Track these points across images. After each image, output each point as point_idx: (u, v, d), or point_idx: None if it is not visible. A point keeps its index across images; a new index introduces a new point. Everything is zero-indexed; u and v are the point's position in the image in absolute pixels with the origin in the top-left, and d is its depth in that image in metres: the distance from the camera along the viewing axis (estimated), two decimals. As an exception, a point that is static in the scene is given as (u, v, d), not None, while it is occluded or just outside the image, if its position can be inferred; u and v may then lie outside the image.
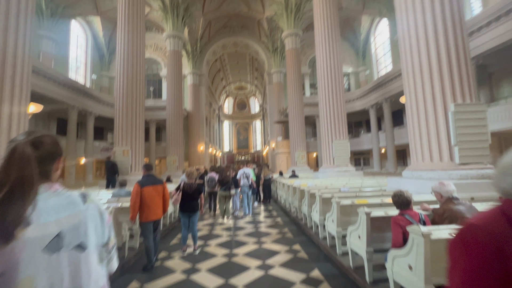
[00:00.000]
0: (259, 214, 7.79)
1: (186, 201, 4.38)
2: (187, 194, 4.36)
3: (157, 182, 3.90)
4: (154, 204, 3.78)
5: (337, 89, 9.97)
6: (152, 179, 3.88)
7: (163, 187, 3.95)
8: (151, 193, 3.78)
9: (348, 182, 7.72)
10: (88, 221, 0.83)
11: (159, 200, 3.87)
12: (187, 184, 4.41)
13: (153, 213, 3.78)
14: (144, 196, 3.74)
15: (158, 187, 3.87)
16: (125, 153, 9.06)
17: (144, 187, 3.78)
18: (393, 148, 15.85)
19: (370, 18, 21.78)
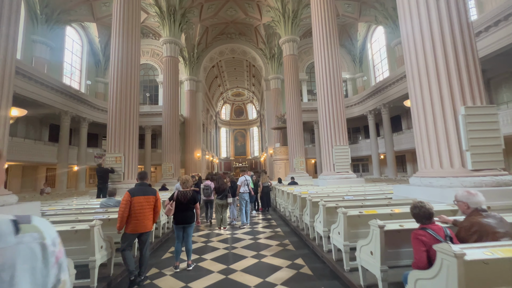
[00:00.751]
0: (258, 224, 7.43)
1: (180, 211, 4.02)
2: (181, 203, 4.01)
3: (149, 192, 3.60)
4: (143, 216, 3.47)
5: (336, 94, 9.79)
6: (145, 189, 3.58)
7: (156, 198, 3.64)
8: (142, 204, 3.48)
9: (350, 189, 7.42)
10: (17, 262, 0.54)
11: (149, 212, 3.55)
12: (181, 193, 4.07)
13: (141, 225, 3.46)
14: (134, 206, 3.44)
15: (150, 198, 3.56)
16: (118, 160, 8.68)
17: (134, 197, 3.48)
18: (392, 154, 15.67)
19: (367, 25, 21.98)
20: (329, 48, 9.92)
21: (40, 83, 12.28)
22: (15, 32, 4.55)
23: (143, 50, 23.39)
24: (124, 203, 3.41)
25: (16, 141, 12.05)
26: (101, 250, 3.36)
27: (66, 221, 3.94)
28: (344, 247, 3.40)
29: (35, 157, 12.79)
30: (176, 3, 16.60)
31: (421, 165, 4.69)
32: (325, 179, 9.35)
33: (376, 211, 3.52)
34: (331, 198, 5.28)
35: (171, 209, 3.96)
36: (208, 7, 20.14)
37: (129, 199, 3.45)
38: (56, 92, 13.38)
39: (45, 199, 8.06)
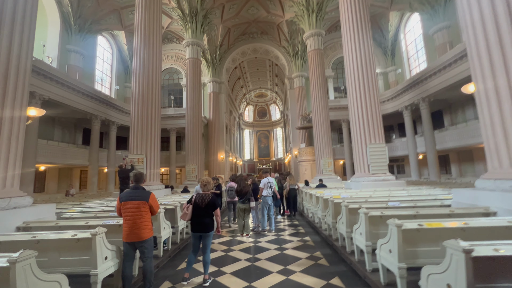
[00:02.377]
0: (284, 231, 6.74)
1: (197, 217, 3.52)
2: (199, 208, 3.51)
3: (139, 197, 3.12)
4: (132, 223, 3.03)
5: (369, 87, 8.77)
6: (134, 194, 3.13)
7: (149, 204, 3.15)
8: (130, 210, 3.05)
9: (391, 193, 6.42)
10: None
11: (141, 220, 3.07)
12: (199, 196, 3.57)
13: (132, 234, 3.03)
14: (123, 213, 3.07)
15: (140, 204, 3.08)
16: (140, 161, 8.58)
17: (122, 202, 3.08)
18: (434, 153, 13.92)
19: (399, 14, 20.21)
20: (361, 34, 8.94)
21: (72, 88, 12.87)
22: (30, 31, 4.42)
23: (167, 54, 23.99)
24: (117, 210, 3.12)
25: (51, 144, 12.73)
26: (106, 262, 2.95)
27: (74, 227, 3.64)
28: (399, 270, 2.60)
29: (68, 159, 13.42)
30: (198, 4, 16.61)
31: (493, 164, 3.67)
32: (359, 182, 8.36)
33: (442, 224, 2.67)
34: (371, 204, 4.45)
35: (187, 214, 3.48)
36: (230, 7, 19.97)
37: (119, 205, 3.09)
38: (86, 97, 13.97)
39: (69, 201, 8.17)
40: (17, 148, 4.03)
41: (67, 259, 2.84)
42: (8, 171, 3.84)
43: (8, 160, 3.85)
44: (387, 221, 2.80)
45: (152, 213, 3.23)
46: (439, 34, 15.79)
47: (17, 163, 4.01)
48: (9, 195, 3.78)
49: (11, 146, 3.91)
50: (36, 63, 10.62)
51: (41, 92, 11.07)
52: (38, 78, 10.97)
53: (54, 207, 4.50)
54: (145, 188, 3.29)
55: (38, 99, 11.00)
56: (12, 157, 3.93)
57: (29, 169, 10.51)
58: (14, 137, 3.98)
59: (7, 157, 3.84)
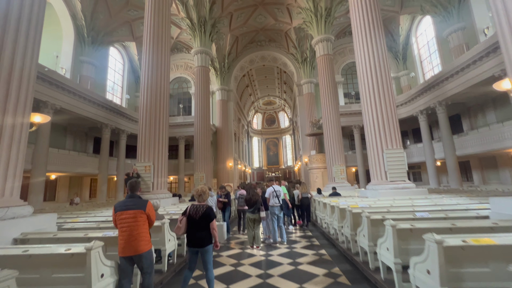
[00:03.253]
0: (297, 243, 6.29)
1: (192, 230, 3.17)
2: (193, 220, 3.16)
3: (134, 206, 2.83)
4: (128, 235, 2.73)
5: (384, 90, 8.36)
6: (129, 203, 2.86)
7: (147, 213, 2.86)
8: (126, 220, 2.77)
9: (414, 202, 5.91)
10: None
11: (138, 231, 2.77)
12: (193, 207, 3.23)
13: (128, 247, 2.73)
14: (118, 224, 2.80)
15: (136, 213, 2.79)
16: (147, 169, 8.40)
17: (117, 213, 2.81)
18: (454, 160, 13.14)
19: (410, 17, 19.83)
20: (373, 35, 8.63)
21: (84, 98, 13.05)
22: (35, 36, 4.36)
23: (177, 64, 24.35)
24: (113, 221, 2.86)
25: (62, 153, 12.84)
26: (102, 280, 2.65)
27: (72, 239, 3.39)
28: (441, 295, 2.18)
29: (78, 168, 13.48)
30: (206, 14, 16.81)
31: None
32: (376, 190, 7.84)
33: (492, 240, 2.24)
34: (396, 215, 4.01)
35: (180, 227, 3.14)
36: (238, 16, 20.16)
37: (114, 215, 2.84)
38: (97, 106, 14.14)
39: (76, 210, 8.02)
40: (18, 156, 3.87)
41: (60, 277, 2.56)
42: (8, 179, 3.66)
43: (7, 168, 3.68)
44: (423, 236, 2.38)
45: (150, 224, 2.93)
46: (454, 36, 15.25)
47: (17, 171, 3.84)
48: (7, 205, 3.59)
49: (11, 153, 3.74)
50: (49, 73, 10.84)
51: (53, 101, 11.24)
52: (51, 88, 11.18)
53: (55, 217, 4.29)
54: (142, 197, 3.03)
55: (50, 108, 11.16)
56: (13, 165, 3.76)
57: (40, 178, 10.54)
58: (15, 145, 3.82)
59: (7, 165, 3.68)
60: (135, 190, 2.97)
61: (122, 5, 17.84)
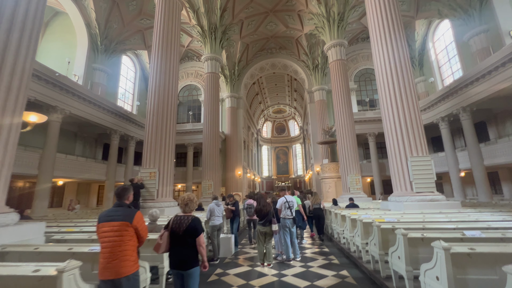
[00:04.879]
0: (313, 260, 5.58)
1: (174, 248, 2.56)
2: (176, 236, 2.54)
3: (119, 217, 2.25)
4: (110, 253, 2.15)
5: (407, 92, 7.70)
6: (115, 213, 2.29)
7: (134, 227, 2.27)
8: (107, 234, 2.20)
9: (449, 217, 5.12)
10: None
11: (121, 248, 2.18)
12: (176, 220, 2.61)
13: (108, 268, 2.13)
14: (99, 239, 2.24)
15: (121, 226, 2.21)
16: (152, 175, 7.98)
17: (99, 224, 2.27)
18: (483, 170, 12.03)
19: (426, 22, 19.18)
20: (393, 35, 8.07)
21: (93, 103, 13.02)
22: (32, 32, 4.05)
23: (187, 72, 24.49)
24: (96, 233, 2.29)
25: (70, 158, 12.71)
26: (78, 310, 2.12)
27: (54, 255, 2.90)
28: None
29: (86, 174, 13.30)
30: (217, 21, 16.79)
31: None
32: (400, 202, 7.05)
33: None
34: (436, 233, 3.30)
35: (160, 244, 2.52)
36: (248, 23, 20.13)
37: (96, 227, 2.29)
38: (107, 112, 14.09)
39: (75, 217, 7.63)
40: (5, 158, 3.48)
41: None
42: (-11, 183, 3.27)
43: (-10, 171, 3.29)
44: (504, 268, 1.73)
45: (139, 240, 2.35)
46: (476, 39, 14.45)
47: (2, 175, 3.44)
48: (-14, 212, 3.17)
49: (-4, 154, 3.36)
50: (59, 78, 10.83)
51: (63, 106, 11.19)
52: (61, 93, 11.16)
53: (43, 227, 3.84)
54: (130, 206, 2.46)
55: (60, 113, 11.10)
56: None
57: (46, 184, 10.34)
58: (1, 146, 3.44)
59: (-10, 167, 3.29)
60: (123, 197, 2.40)
61: (135, 14, 18.16)
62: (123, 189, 2.42)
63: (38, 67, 9.98)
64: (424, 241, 3.19)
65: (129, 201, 2.43)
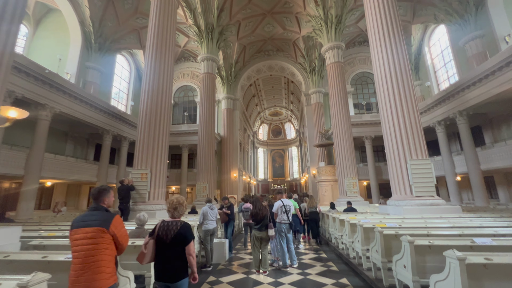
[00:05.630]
0: (311, 267, 5.33)
1: (160, 258, 2.27)
2: (162, 243, 2.27)
3: (94, 222, 1.94)
4: (82, 264, 1.84)
5: (406, 94, 7.58)
6: (90, 217, 1.98)
7: (111, 233, 1.96)
8: (80, 242, 1.89)
9: (451, 222, 4.94)
10: None
11: (95, 258, 1.87)
12: (163, 225, 2.34)
13: (79, 281, 1.81)
14: (71, 248, 1.93)
15: (96, 232, 1.91)
16: (143, 177, 7.66)
17: (71, 230, 1.97)
18: (479, 174, 12.00)
19: (422, 26, 19.31)
20: (392, 36, 7.96)
21: (85, 102, 12.64)
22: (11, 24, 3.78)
23: (183, 72, 24.20)
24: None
25: (58, 158, 12.26)
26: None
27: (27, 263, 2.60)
28: None
29: (76, 175, 12.86)
30: (214, 21, 16.61)
31: None
32: (399, 206, 6.87)
33: None
34: (443, 240, 3.10)
35: (145, 253, 2.24)
36: (246, 25, 19.99)
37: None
38: (99, 111, 13.70)
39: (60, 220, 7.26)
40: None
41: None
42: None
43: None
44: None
45: (118, 249, 2.05)
46: (472, 44, 14.54)
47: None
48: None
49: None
50: (49, 76, 10.46)
51: (52, 104, 10.80)
52: (51, 91, 10.77)
53: (19, 231, 3.52)
54: (110, 210, 2.14)
55: (49, 112, 10.70)
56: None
57: (32, 185, 9.90)
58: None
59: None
60: (101, 200, 2.10)
61: (131, 13, 17.86)
62: (100, 190, 2.12)
63: (27, 63, 9.62)
64: (431, 249, 2.98)
65: (108, 204, 2.15)
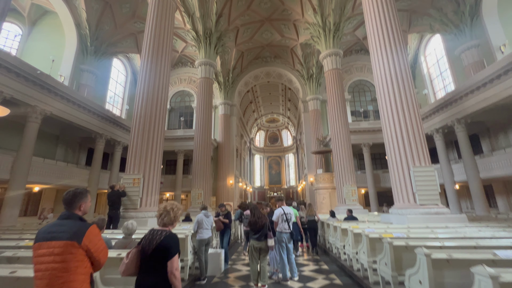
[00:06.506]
0: (312, 280, 4.99)
1: (141, 273, 1.95)
2: (145, 255, 1.95)
3: (64, 234, 1.56)
4: (47, 283, 1.49)
5: (408, 100, 7.46)
6: (59, 228, 1.61)
7: (85, 248, 1.58)
8: (45, 260, 1.52)
9: (459, 231, 4.69)
10: None
11: (63, 280, 1.50)
12: (148, 235, 2.03)
13: None
14: (34, 264, 1.57)
15: (65, 247, 1.53)
16: (135, 182, 7.29)
17: (35, 244, 1.60)
18: (478, 183, 11.88)
19: (418, 36, 19.61)
20: (393, 42, 7.91)
21: (78, 105, 12.29)
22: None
23: (180, 77, 24.02)
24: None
25: (48, 162, 11.79)
26: None
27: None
28: None
29: (65, 180, 12.35)
30: (212, 26, 16.56)
31: None
32: (403, 215, 6.62)
33: None
34: (462, 253, 2.84)
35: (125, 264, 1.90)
36: (244, 31, 20.03)
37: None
38: (92, 114, 13.34)
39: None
40: None
41: None
42: None
43: None
44: None
45: (94, 265, 1.66)
46: (468, 53, 14.71)
47: None
48: None
49: None
50: (40, 76, 10.13)
51: (43, 106, 10.42)
52: (42, 92, 10.42)
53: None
54: (85, 219, 1.76)
55: (39, 114, 10.31)
56: None
57: (18, 190, 9.39)
58: None
59: None
60: (74, 206, 1.71)
61: (128, 17, 17.74)
62: (75, 194, 1.74)
63: (18, 63, 9.29)
64: (450, 263, 2.71)
65: (84, 211, 1.79)
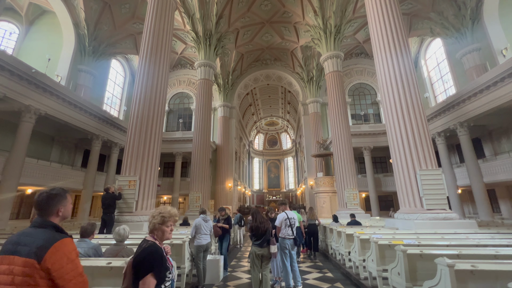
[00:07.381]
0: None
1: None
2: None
3: (25, 249, 1.21)
4: None
5: (413, 102, 7.25)
6: (24, 239, 1.25)
7: (45, 269, 1.19)
8: (5, 279, 1.17)
9: (473, 238, 4.44)
10: None
11: None
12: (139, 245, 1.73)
13: None
14: None
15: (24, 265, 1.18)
16: (131, 184, 7.00)
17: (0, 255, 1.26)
18: (482, 187, 11.69)
19: (418, 40, 19.58)
20: (397, 39, 7.73)
21: (74, 105, 12.00)
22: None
23: (179, 79, 23.82)
24: None
25: (42, 164, 11.45)
26: None
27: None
28: None
29: (60, 182, 11.99)
30: (212, 28, 16.43)
31: None
32: (410, 220, 6.36)
33: None
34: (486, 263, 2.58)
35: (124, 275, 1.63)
36: (244, 33, 19.93)
37: None
38: (89, 115, 13.05)
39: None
40: None
41: None
42: None
43: None
44: None
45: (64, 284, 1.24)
46: (469, 57, 14.62)
47: None
48: None
49: None
50: (36, 75, 9.86)
51: (37, 106, 10.13)
52: (36, 91, 10.14)
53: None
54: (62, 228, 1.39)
55: (33, 114, 10.01)
56: None
57: (9, 192, 9.05)
58: None
59: None
60: (45, 211, 1.37)
61: (127, 18, 17.58)
62: (50, 196, 1.39)
63: (12, 61, 9.03)
64: (475, 275, 2.45)
65: (64, 216, 1.45)
